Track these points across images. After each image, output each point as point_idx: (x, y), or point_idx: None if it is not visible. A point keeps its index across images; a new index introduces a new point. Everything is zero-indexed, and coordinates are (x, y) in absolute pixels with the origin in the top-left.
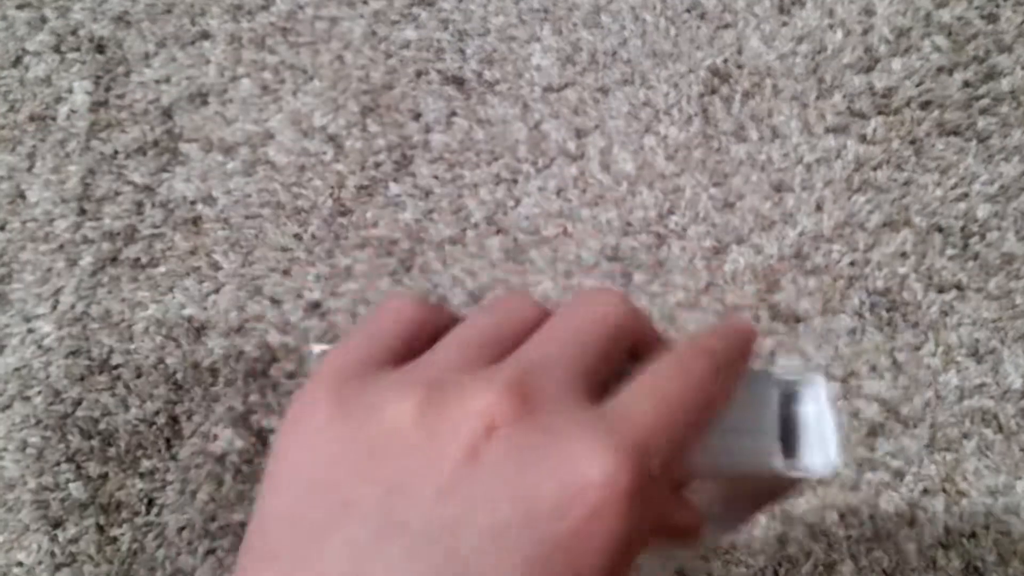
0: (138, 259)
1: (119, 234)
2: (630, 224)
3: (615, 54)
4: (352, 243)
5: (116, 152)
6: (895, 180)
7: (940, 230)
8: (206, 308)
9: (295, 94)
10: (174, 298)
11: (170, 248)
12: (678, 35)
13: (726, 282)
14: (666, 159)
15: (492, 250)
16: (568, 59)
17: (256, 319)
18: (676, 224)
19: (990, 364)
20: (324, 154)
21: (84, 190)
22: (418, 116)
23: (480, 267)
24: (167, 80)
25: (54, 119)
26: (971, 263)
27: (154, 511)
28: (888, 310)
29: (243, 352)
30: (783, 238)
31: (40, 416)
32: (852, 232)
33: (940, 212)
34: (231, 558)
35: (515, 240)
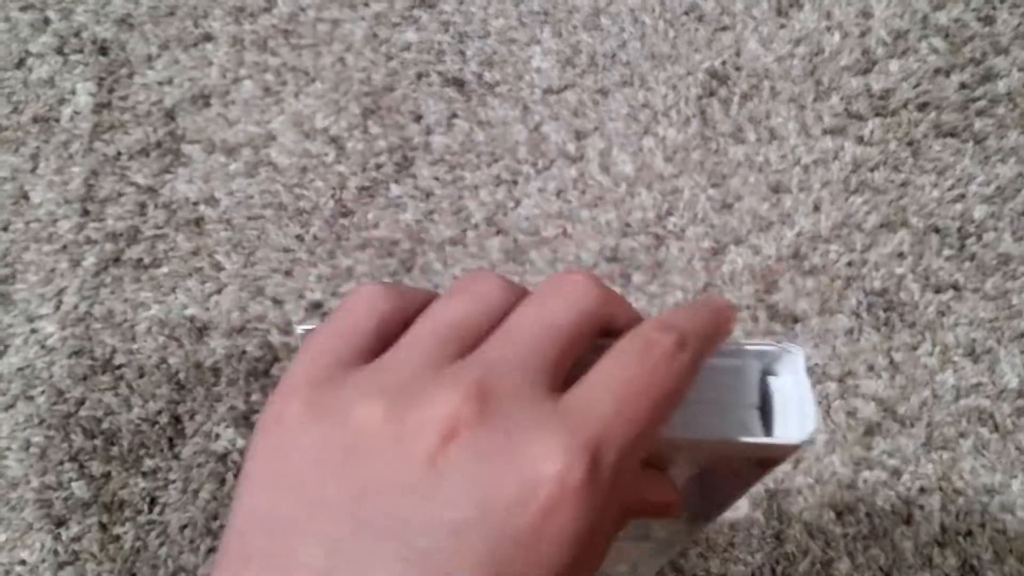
0: (141, 260)
1: (122, 235)
2: (629, 225)
3: (614, 56)
4: (353, 244)
5: (119, 153)
6: (892, 181)
7: (937, 231)
8: (208, 308)
9: (297, 96)
10: (176, 298)
11: (172, 249)
12: (676, 37)
13: (724, 283)
14: (665, 160)
15: (492, 251)
16: (568, 61)
17: (258, 319)
18: (675, 225)
19: (986, 364)
20: (326, 155)
21: (87, 191)
22: (419, 118)
23: (480, 268)
24: (170, 82)
25: (57, 121)
26: (968, 263)
27: (156, 510)
28: (885, 310)
29: (245, 352)
30: (781, 239)
31: (43, 416)
32: (849, 233)
33: (937, 213)
34: None
35: (515, 241)
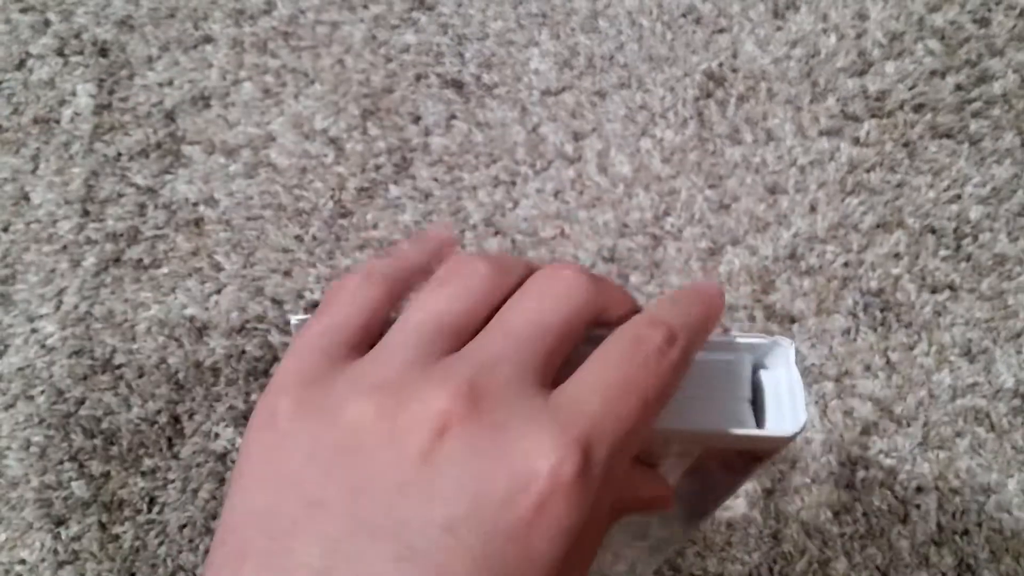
0: (141, 260)
1: (122, 235)
2: (626, 225)
3: (612, 58)
4: (352, 244)
5: (119, 154)
6: (888, 182)
7: (933, 231)
8: (208, 308)
9: (296, 97)
10: (176, 298)
11: (172, 249)
12: (674, 39)
13: (721, 283)
14: (662, 162)
15: (491, 251)
16: (566, 63)
17: (257, 319)
18: (672, 226)
19: (983, 363)
20: (325, 156)
21: (87, 192)
22: (418, 119)
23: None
24: (170, 83)
25: (58, 122)
26: (964, 264)
27: (156, 509)
28: (882, 310)
29: (244, 352)
30: (778, 239)
31: (43, 415)
32: (846, 233)
33: (933, 214)
34: None
35: (513, 241)
